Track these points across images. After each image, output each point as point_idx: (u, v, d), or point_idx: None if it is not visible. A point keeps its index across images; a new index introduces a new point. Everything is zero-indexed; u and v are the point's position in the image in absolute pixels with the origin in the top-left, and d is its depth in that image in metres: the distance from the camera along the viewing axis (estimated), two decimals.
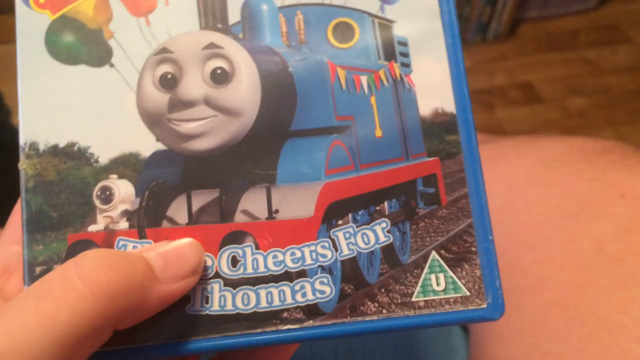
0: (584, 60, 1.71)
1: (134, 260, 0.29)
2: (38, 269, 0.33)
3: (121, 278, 0.27)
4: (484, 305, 0.33)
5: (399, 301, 0.33)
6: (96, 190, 0.34)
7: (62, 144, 0.34)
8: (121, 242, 0.33)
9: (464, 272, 0.34)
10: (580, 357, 0.46)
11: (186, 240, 0.32)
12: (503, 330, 0.52)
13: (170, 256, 0.31)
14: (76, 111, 0.34)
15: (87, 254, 0.28)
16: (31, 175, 0.33)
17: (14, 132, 1.01)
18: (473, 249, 0.34)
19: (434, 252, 0.34)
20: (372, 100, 0.36)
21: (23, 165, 0.33)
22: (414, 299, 0.33)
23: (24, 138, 0.34)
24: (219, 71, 0.35)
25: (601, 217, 0.52)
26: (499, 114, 1.60)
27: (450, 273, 0.34)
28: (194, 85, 0.35)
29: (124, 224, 0.34)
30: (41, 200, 0.33)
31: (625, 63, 1.70)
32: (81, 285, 0.26)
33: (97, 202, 0.34)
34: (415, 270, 0.34)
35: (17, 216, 0.34)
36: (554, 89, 1.65)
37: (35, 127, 0.34)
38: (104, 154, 0.34)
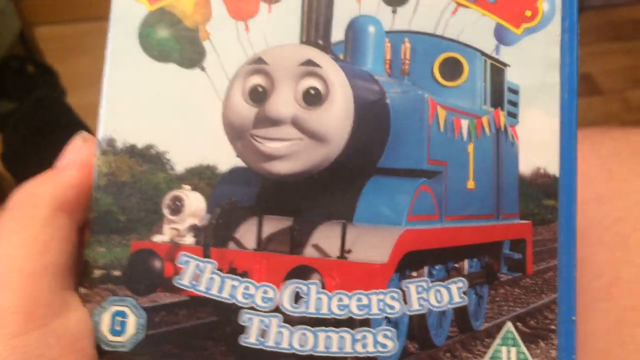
0: None
1: None
2: (96, 272, 0.31)
3: None
4: None
5: None
6: (167, 199, 0.32)
7: (140, 144, 0.33)
8: (184, 258, 0.31)
9: (538, 350, 0.31)
10: None
11: None
12: None
13: None
14: (159, 112, 0.33)
15: None
16: (104, 173, 0.32)
17: (68, 111, 0.97)
18: (552, 327, 0.31)
19: (509, 323, 0.31)
20: (470, 147, 0.33)
21: (98, 161, 0.32)
22: None
23: (102, 133, 0.32)
24: (312, 91, 0.33)
25: None
26: None
27: (524, 349, 0.31)
28: (284, 102, 0.33)
29: (190, 239, 0.32)
30: (111, 200, 0.32)
31: None
32: None
33: (165, 212, 0.32)
34: (487, 340, 0.31)
35: None
36: (614, 81, 1.55)
37: (116, 124, 0.33)
38: (180, 162, 0.32)
